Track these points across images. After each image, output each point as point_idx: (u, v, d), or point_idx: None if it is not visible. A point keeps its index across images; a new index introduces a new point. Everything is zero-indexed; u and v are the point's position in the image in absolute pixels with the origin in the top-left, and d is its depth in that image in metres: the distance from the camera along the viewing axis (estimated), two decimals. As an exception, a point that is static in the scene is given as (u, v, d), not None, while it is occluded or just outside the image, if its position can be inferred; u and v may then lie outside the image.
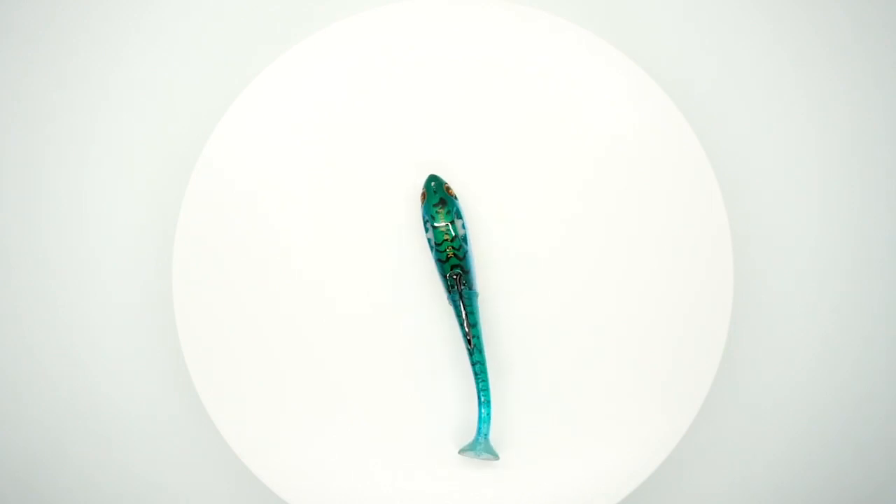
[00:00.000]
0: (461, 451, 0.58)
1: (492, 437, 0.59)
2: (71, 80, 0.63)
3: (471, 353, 0.58)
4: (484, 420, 0.58)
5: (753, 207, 0.63)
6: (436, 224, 0.59)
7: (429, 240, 0.59)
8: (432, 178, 0.60)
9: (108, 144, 0.63)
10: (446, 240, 0.59)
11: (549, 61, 0.61)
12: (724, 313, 0.59)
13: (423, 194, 0.60)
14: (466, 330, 0.58)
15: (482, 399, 0.58)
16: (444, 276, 0.59)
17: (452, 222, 0.59)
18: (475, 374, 0.58)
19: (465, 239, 0.59)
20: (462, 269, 0.59)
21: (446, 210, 0.59)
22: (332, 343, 0.60)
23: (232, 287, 0.60)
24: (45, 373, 0.62)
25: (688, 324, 0.60)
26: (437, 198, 0.59)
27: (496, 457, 0.58)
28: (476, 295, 0.59)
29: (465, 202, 0.60)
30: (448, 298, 0.59)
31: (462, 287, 0.59)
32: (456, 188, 0.60)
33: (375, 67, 0.61)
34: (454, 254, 0.59)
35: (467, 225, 0.60)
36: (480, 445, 0.58)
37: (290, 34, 0.63)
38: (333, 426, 0.59)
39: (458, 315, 0.59)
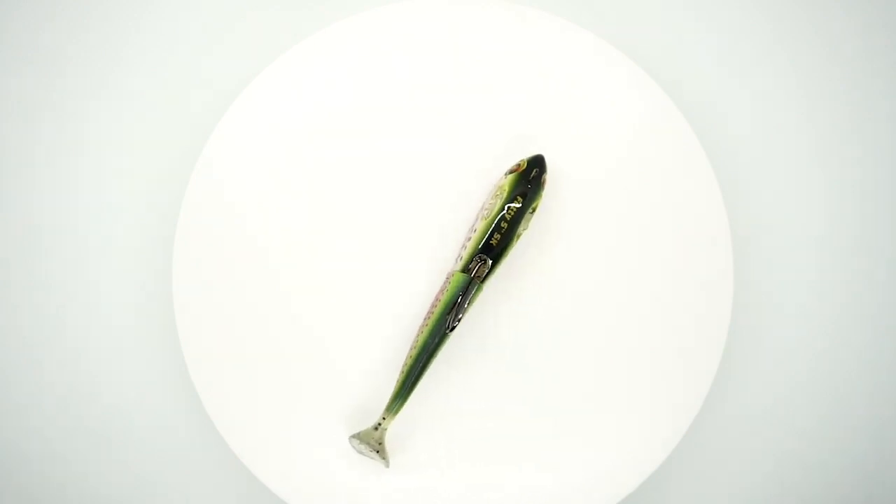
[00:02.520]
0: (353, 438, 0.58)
1: (485, 436, 0.59)
2: (71, 81, 0.63)
3: (440, 338, 0.57)
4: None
5: (753, 207, 0.63)
6: (511, 202, 0.57)
7: (486, 211, 0.58)
8: (541, 159, 0.58)
9: (109, 145, 0.63)
10: (503, 223, 0.57)
11: (549, 61, 0.61)
12: (724, 313, 0.59)
13: (522, 165, 0.58)
14: (454, 315, 0.57)
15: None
16: (470, 255, 0.57)
17: (522, 212, 0.57)
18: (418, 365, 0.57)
19: (514, 236, 0.57)
20: (490, 259, 0.57)
21: (528, 197, 0.57)
22: (333, 343, 0.60)
23: (232, 287, 0.60)
24: (46, 373, 0.62)
25: (688, 324, 0.60)
26: (536, 181, 0.57)
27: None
28: (479, 291, 0.58)
29: (462, 202, 0.60)
30: (451, 274, 0.58)
31: (475, 277, 0.57)
32: (453, 188, 0.60)
33: (375, 67, 0.61)
34: (498, 240, 0.57)
35: (525, 234, 0.59)
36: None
37: (290, 34, 0.63)
38: (334, 426, 0.59)
39: (452, 296, 0.57)
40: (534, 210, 0.58)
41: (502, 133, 0.61)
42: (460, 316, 0.57)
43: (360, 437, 0.57)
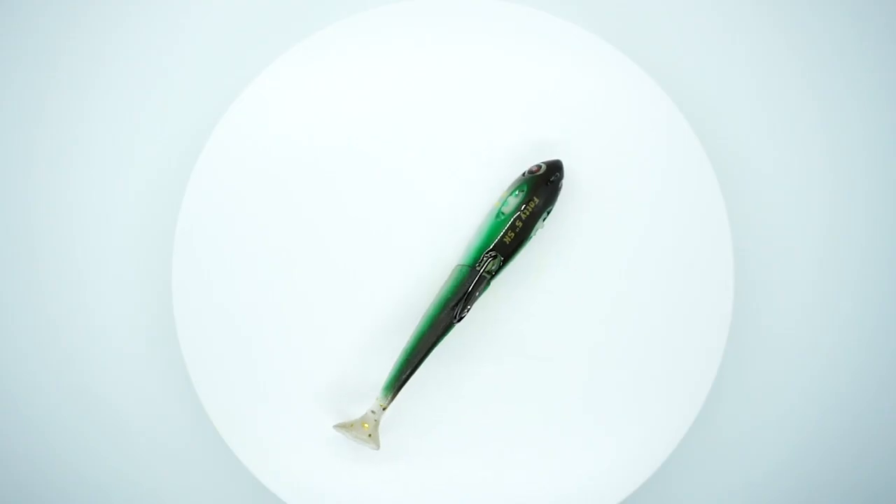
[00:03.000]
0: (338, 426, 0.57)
1: (484, 435, 0.59)
2: (71, 81, 0.63)
3: (443, 329, 0.57)
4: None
5: (754, 208, 0.63)
6: (528, 202, 0.57)
7: (500, 211, 0.58)
8: (560, 165, 0.58)
9: (109, 145, 0.63)
10: (518, 223, 0.57)
11: (548, 62, 0.61)
12: (724, 314, 0.59)
13: (542, 168, 0.58)
14: (462, 306, 0.57)
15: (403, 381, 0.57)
16: (480, 250, 0.58)
17: (538, 213, 0.57)
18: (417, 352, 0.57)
19: (528, 237, 0.58)
20: (502, 256, 0.57)
21: (545, 199, 0.58)
22: (334, 343, 0.60)
23: (232, 288, 0.60)
24: (44, 374, 0.62)
25: (688, 324, 0.60)
26: (554, 184, 0.58)
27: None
28: (487, 288, 0.58)
29: (463, 204, 0.60)
30: (460, 266, 0.58)
31: (485, 273, 0.57)
32: (452, 187, 0.60)
33: (375, 68, 0.61)
34: (512, 238, 0.58)
35: (541, 230, 0.59)
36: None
37: (290, 34, 0.63)
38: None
39: (459, 287, 0.57)
40: (548, 213, 0.58)
41: (502, 134, 0.61)
42: (469, 306, 0.57)
43: (348, 426, 0.57)
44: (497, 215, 0.58)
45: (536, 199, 0.58)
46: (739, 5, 0.64)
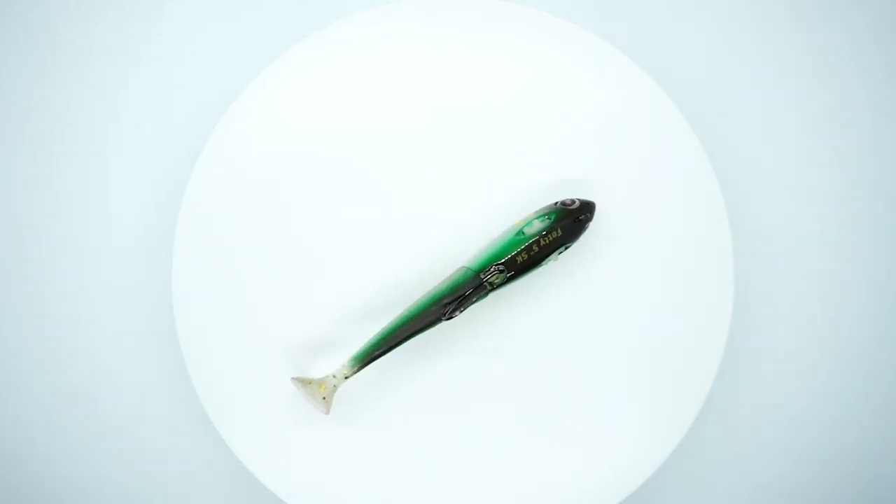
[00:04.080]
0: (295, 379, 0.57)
1: (481, 436, 0.59)
2: (70, 81, 0.63)
3: (428, 323, 0.57)
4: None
5: (755, 209, 0.63)
6: (550, 231, 0.58)
7: (522, 230, 0.58)
8: (593, 207, 0.59)
9: (108, 146, 0.63)
10: (535, 247, 0.58)
11: (548, 62, 0.61)
12: (724, 315, 0.59)
13: (575, 204, 0.58)
14: (453, 306, 0.57)
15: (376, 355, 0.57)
16: (491, 260, 0.57)
17: (557, 244, 0.58)
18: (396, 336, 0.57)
19: (540, 263, 0.58)
20: (509, 273, 0.58)
21: (568, 234, 0.58)
22: (333, 343, 0.60)
23: (232, 288, 0.60)
24: (43, 375, 0.62)
25: (688, 326, 0.60)
26: (581, 223, 0.58)
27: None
28: (484, 298, 0.58)
29: (460, 203, 0.60)
30: (465, 269, 0.58)
31: (487, 283, 0.57)
32: (449, 188, 0.60)
33: (375, 67, 0.61)
34: (525, 259, 0.58)
35: (554, 261, 0.59)
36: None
37: (290, 34, 0.63)
38: (335, 425, 0.59)
39: (454, 286, 0.57)
40: (566, 248, 0.59)
41: (502, 134, 0.60)
42: (462, 309, 0.57)
43: (306, 382, 0.57)
44: (517, 233, 0.58)
45: (560, 231, 0.58)
46: (741, 6, 0.64)
